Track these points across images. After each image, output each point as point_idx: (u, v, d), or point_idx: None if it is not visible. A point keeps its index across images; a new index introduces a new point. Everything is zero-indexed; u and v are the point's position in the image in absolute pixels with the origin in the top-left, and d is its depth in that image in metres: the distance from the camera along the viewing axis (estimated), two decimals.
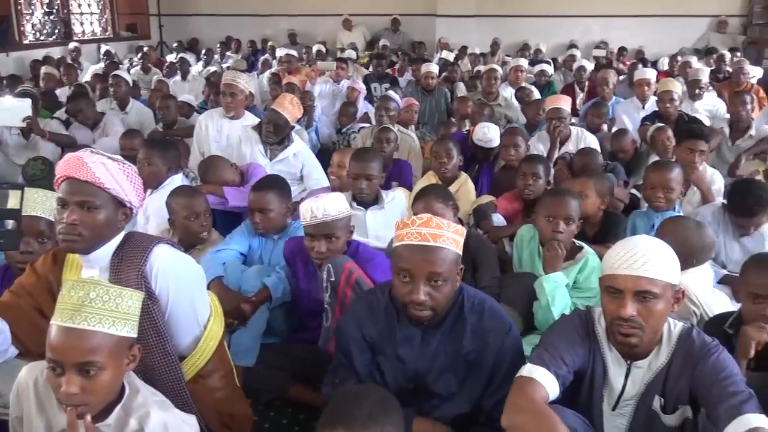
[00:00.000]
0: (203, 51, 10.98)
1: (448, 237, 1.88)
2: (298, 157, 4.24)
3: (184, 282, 1.94)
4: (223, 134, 4.51)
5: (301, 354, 2.64)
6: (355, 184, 3.41)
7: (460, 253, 1.92)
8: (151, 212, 3.39)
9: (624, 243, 1.84)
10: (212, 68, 8.85)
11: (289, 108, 4.14)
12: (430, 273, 1.84)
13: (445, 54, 9.65)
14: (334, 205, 2.56)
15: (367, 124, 5.67)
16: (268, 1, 12.97)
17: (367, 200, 3.45)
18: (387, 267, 2.66)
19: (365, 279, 2.48)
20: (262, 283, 2.75)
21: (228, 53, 11.36)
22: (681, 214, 3.32)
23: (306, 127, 5.64)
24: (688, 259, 2.52)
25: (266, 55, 10.20)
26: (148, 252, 1.85)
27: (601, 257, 3.11)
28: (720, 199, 3.76)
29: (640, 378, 1.83)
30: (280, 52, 9.30)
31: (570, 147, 4.65)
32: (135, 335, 1.66)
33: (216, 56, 10.91)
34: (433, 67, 6.98)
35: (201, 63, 10.16)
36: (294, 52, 8.88)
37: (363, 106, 6.57)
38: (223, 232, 3.22)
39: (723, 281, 3.13)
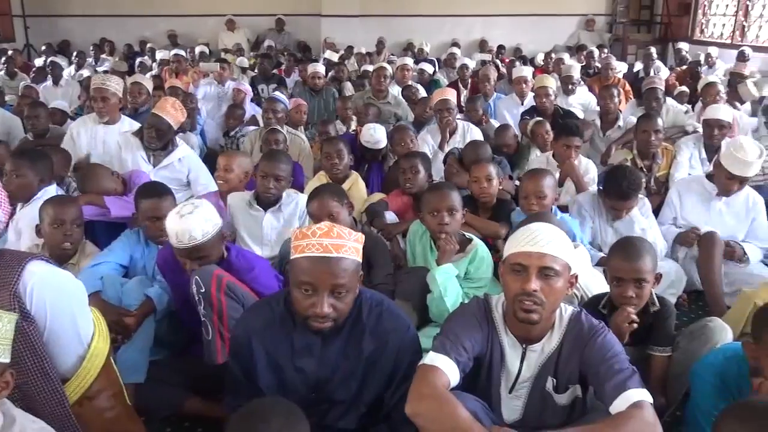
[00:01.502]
0: (74, 54, 10.35)
1: (350, 246, 1.84)
2: (184, 163, 4.10)
3: (62, 298, 1.81)
4: (98, 140, 4.28)
5: (194, 367, 2.54)
6: (263, 182, 3.36)
7: (360, 260, 1.91)
8: (23, 226, 3.16)
9: (527, 226, 1.93)
10: (85, 72, 8.36)
11: (172, 112, 4.00)
12: (334, 285, 1.80)
13: (330, 54, 9.67)
14: (201, 227, 2.42)
15: (255, 127, 5.57)
16: (146, 1, 12.43)
17: (271, 201, 3.40)
18: (269, 276, 2.64)
19: (237, 283, 2.43)
20: (145, 294, 2.63)
21: (103, 56, 10.78)
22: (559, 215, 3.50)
23: (189, 130, 5.46)
24: None
25: (144, 57, 9.77)
26: (20, 270, 1.72)
27: (497, 235, 3.32)
28: (594, 187, 4.02)
29: (535, 361, 1.92)
30: (160, 55, 8.95)
31: (457, 139, 4.79)
32: (7, 360, 1.54)
33: (90, 59, 10.33)
34: (320, 67, 6.97)
35: (73, 67, 9.57)
36: (182, 53, 8.58)
37: (250, 108, 6.45)
38: (106, 244, 3.05)
39: (600, 263, 3.34)
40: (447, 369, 1.77)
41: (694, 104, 6.35)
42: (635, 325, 2.26)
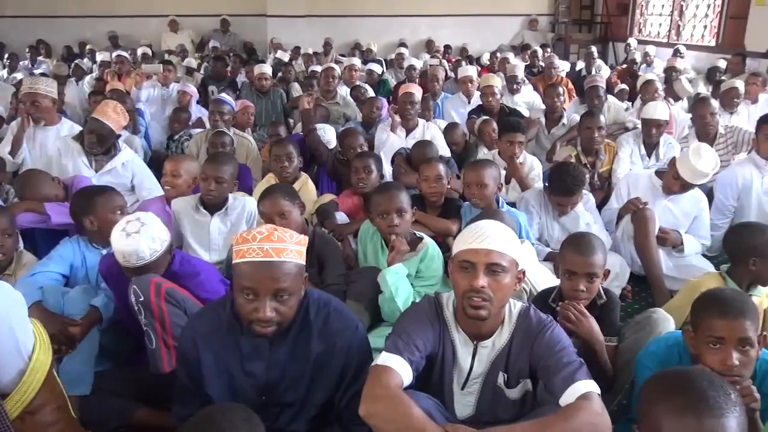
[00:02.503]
0: (6, 56, 9.96)
1: (292, 249, 1.83)
2: (128, 167, 4.00)
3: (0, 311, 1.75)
4: (36, 144, 4.13)
5: (141, 376, 2.48)
6: (204, 185, 3.30)
7: (304, 262, 1.90)
8: None
9: (475, 224, 1.95)
10: (19, 75, 8.05)
11: (113, 116, 3.89)
12: (277, 290, 1.79)
13: (281, 54, 9.58)
14: (148, 246, 2.39)
15: (201, 129, 5.47)
16: (85, 1, 12.06)
17: (215, 203, 3.35)
18: (215, 282, 2.61)
19: (177, 288, 2.39)
20: (90, 304, 2.55)
21: (39, 58, 10.41)
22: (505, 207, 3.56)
23: (132, 132, 5.32)
24: None
25: (84, 59, 9.48)
26: None
27: (448, 233, 3.35)
28: (540, 184, 4.11)
29: (486, 356, 1.94)
30: (101, 56, 8.71)
31: (417, 136, 4.82)
32: None
33: (24, 62, 9.96)
34: (267, 68, 6.90)
35: (6, 70, 9.21)
36: (126, 54, 8.36)
37: (196, 111, 6.33)
38: (47, 252, 2.94)
39: (547, 258, 3.41)
40: (400, 369, 1.78)
41: (634, 101, 6.55)
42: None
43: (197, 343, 1.94)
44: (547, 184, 3.64)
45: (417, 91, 4.94)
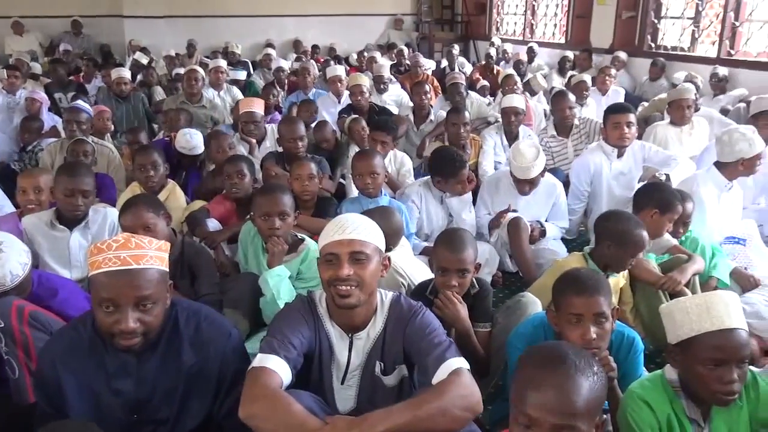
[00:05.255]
0: None
1: (152, 255, 1.76)
2: None
3: None
4: None
5: (4, 406, 2.26)
6: (70, 201, 3.07)
7: (167, 269, 1.83)
8: None
9: (337, 218, 2.01)
10: None
11: None
12: (138, 298, 1.71)
13: (140, 55, 9.13)
14: (9, 271, 2.25)
15: (55, 139, 5.09)
16: None
17: (79, 218, 3.13)
18: (79, 299, 2.46)
19: (42, 311, 2.23)
20: None
21: None
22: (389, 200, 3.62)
23: None
24: (387, 241, 2.78)
25: None
26: None
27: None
28: (411, 179, 4.22)
29: (362, 348, 1.98)
30: None
31: (267, 144, 4.77)
32: None
33: None
34: (125, 72, 6.55)
35: None
36: None
37: (48, 119, 5.88)
38: None
39: (423, 252, 3.50)
40: (278, 368, 1.77)
41: (495, 96, 6.88)
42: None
43: (56, 366, 1.81)
44: (436, 176, 3.72)
45: (258, 107, 4.88)
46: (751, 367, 1.96)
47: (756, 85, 6.50)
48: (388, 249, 2.82)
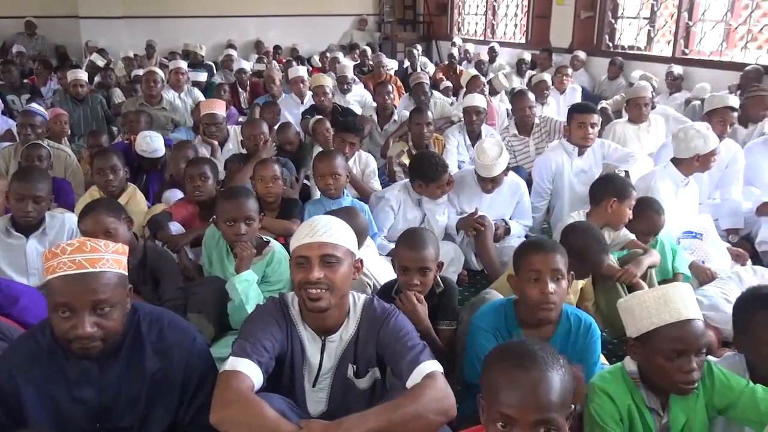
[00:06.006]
0: None
1: (108, 258, 1.72)
2: None
3: None
4: None
5: None
6: (20, 206, 3.00)
7: (125, 272, 1.80)
8: None
9: (308, 220, 2.00)
10: None
11: None
12: (95, 302, 1.68)
13: (96, 57, 8.94)
14: None
15: (8, 143, 4.95)
16: None
17: (32, 224, 3.05)
18: (40, 306, 2.38)
19: (2, 320, 2.18)
20: None
21: None
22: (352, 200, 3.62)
23: None
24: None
25: None
26: None
27: (289, 232, 3.33)
28: (375, 180, 4.23)
29: (334, 350, 1.97)
30: None
31: (230, 146, 4.72)
32: None
33: None
34: (82, 74, 6.41)
35: None
36: None
37: (2, 123, 5.73)
38: None
39: (390, 253, 3.50)
40: (249, 372, 1.75)
41: (458, 96, 6.94)
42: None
43: (13, 376, 1.76)
44: (417, 179, 3.74)
45: (219, 109, 4.83)
46: (709, 357, 2.02)
47: (710, 84, 6.68)
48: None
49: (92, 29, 11.20)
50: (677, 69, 7.10)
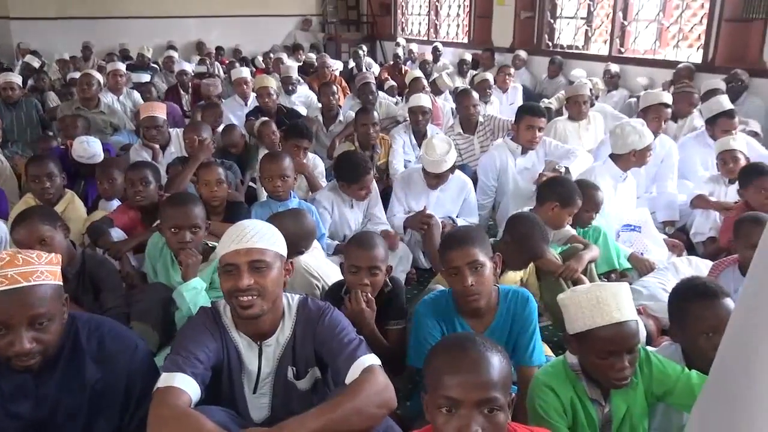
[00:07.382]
0: None
1: (43, 271, 1.66)
2: None
3: None
4: None
5: None
6: None
7: (60, 283, 1.74)
8: None
9: (233, 226, 1.93)
10: None
11: None
12: (32, 317, 1.62)
13: (30, 58, 8.63)
14: None
15: None
16: None
17: None
18: None
19: None
20: None
21: None
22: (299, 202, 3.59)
23: None
24: (300, 244, 2.77)
25: None
26: None
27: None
28: (324, 181, 4.21)
29: (272, 354, 1.94)
30: None
31: (172, 150, 4.64)
32: None
33: None
34: (13, 77, 6.15)
35: None
36: None
37: None
38: None
39: (336, 252, 3.50)
40: (185, 386, 1.69)
41: (403, 96, 6.98)
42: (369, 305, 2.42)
43: None
44: (339, 180, 3.71)
45: (160, 112, 4.72)
46: (648, 347, 2.09)
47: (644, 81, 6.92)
48: (300, 251, 2.82)
49: (24, 30, 10.80)
50: (614, 67, 7.32)
